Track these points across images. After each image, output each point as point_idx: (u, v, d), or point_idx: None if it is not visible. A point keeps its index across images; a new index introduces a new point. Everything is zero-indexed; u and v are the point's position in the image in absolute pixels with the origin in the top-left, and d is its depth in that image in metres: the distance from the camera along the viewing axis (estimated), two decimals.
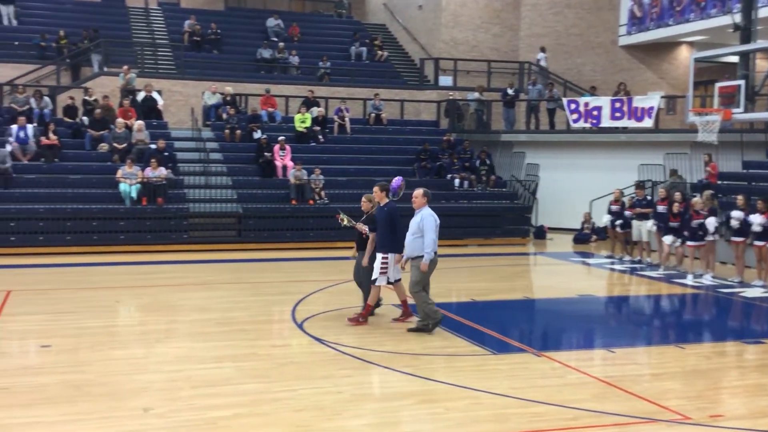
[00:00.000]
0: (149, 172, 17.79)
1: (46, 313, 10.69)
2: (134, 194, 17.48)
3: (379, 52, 28.09)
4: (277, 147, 20.10)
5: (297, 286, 13.18)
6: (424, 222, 9.44)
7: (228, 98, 22.27)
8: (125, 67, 22.07)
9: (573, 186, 22.31)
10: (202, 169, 19.62)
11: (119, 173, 17.73)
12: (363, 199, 10.52)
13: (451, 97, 25.03)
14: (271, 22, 28.10)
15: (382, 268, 9.73)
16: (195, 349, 8.75)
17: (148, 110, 21.30)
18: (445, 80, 26.97)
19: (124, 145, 19.08)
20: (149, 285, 13.47)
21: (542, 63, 26.34)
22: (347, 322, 10.02)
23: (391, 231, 9.73)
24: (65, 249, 16.72)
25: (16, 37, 24.41)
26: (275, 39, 27.33)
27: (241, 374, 7.76)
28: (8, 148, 17.98)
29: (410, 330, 9.75)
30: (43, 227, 16.75)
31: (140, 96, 21.45)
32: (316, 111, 22.39)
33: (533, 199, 21.81)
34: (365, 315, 10.10)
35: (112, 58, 23.22)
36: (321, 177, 19.40)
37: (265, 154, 19.96)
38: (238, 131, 21.16)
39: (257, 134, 21.00)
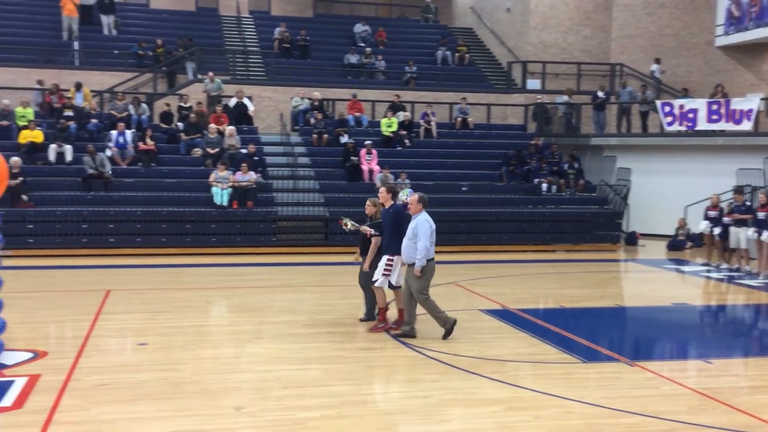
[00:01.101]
0: (240, 176, 18.21)
1: (143, 312, 11.06)
2: (225, 198, 17.92)
3: (466, 56, 27.95)
4: (363, 151, 20.26)
5: None
6: (418, 228, 9.28)
7: (316, 103, 22.60)
8: (210, 73, 22.69)
9: (667, 191, 21.62)
10: (290, 173, 19.95)
11: (212, 177, 18.21)
12: (367, 202, 10.44)
13: (539, 101, 24.67)
14: (359, 27, 28.38)
15: (385, 270, 9.63)
16: (283, 350, 8.89)
17: (239, 116, 21.83)
18: (533, 83, 26.62)
19: (217, 149, 19.60)
20: (239, 286, 13.78)
21: (656, 75, 25.52)
22: (370, 330, 9.91)
23: (396, 232, 9.57)
24: (160, 250, 17.28)
25: (116, 46, 25.43)
26: (362, 44, 27.59)
27: (329, 376, 7.84)
28: (108, 153, 18.74)
29: (397, 335, 9.60)
30: (140, 229, 17.36)
31: (232, 102, 22.01)
32: (402, 115, 22.46)
33: (624, 205, 21.26)
34: (383, 319, 10.01)
35: (206, 65, 23.90)
36: (407, 181, 19.42)
37: (352, 158, 20.14)
38: (326, 136, 21.43)
39: (344, 139, 21.22)
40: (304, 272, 15.55)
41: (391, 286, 9.72)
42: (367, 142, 20.49)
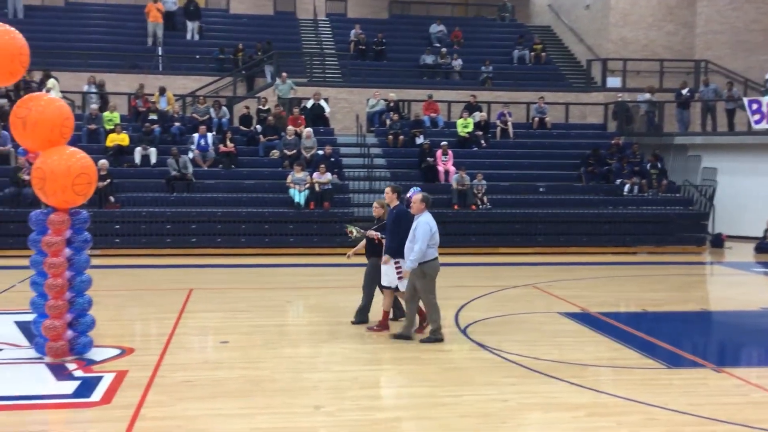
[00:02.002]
0: (317, 177, 18.41)
1: (224, 311, 11.30)
2: (302, 199, 18.15)
3: (543, 54, 27.56)
4: (439, 152, 20.20)
5: (459, 291, 13.15)
6: (418, 229, 9.06)
7: (391, 104, 22.67)
8: (284, 74, 23.02)
9: (755, 191, 20.82)
10: (366, 174, 20.06)
11: (289, 179, 18.47)
12: (374, 204, 10.33)
13: (620, 99, 24.12)
14: (434, 28, 28.33)
15: (398, 273, 9.49)
16: (360, 351, 8.93)
17: (316, 117, 22.08)
18: (614, 81, 26.04)
19: (294, 151, 19.87)
20: (316, 287, 13.93)
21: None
22: (368, 330, 9.79)
23: (397, 234, 9.40)
24: (240, 250, 17.62)
25: (198, 51, 26.09)
26: (438, 45, 27.52)
27: (406, 377, 7.84)
28: (190, 155, 19.24)
29: (394, 336, 9.46)
30: (221, 229, 17.75)
31: (309, 104, 22.29)
32: (478, 116, 22.30)
33: (710, 206, 20.56)
34: (385, 322, 9.90)
35: (284, 68, 24.27)
36: (483, 182, 19.29)
37: (428, 159, 20.11)
38: (401, 137, 21.47)
39: (420, 139, 21.21)
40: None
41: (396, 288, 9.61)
42: (442, 143, 20.43)
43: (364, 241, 10.38)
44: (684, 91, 23.27)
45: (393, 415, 6.62)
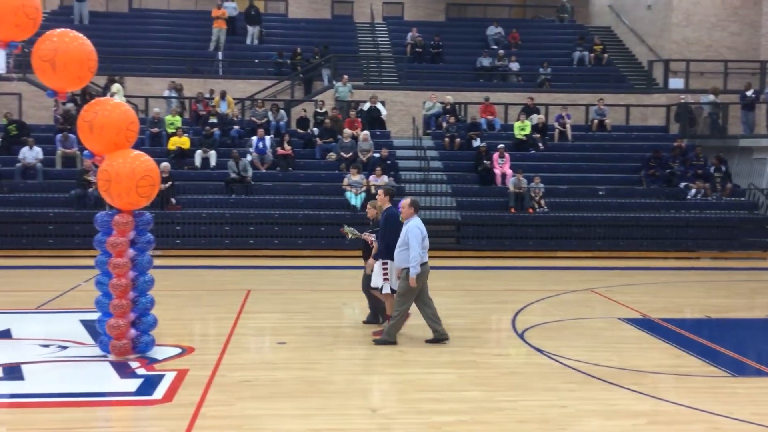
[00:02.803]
0: (373, 179, 18.47)
1: (281, 312, 11.43)
2: (359, 202, 18.22)
3: (604, 56, 27.12)
4: (496, 155, 20.06)
5: (516, 295, 13.05)
6: (409, 234, 8.98)
7: (448, 107, 22.60)
8: (344, 77, 23.16)
9: None
10: (423, 177, 20.04)
11: (345, 181, 18.57)
12: (368, 206, 10.26)
13: (682, 101, 23.58)
14: (492, 30, 28.15)
15: (384, 275, 9.41)
16: (417, 354, 8.91)
17: (373, 120, 22.16)
18: (676, 83, 25.46)
19: (350, 154, 19.97)
20: None
21: None
22: (374, 333, 9.66)
23: (384, 237, 9.33)
24: (297, 252, 17.78)
25: (257, 55, 26.45)
26: (495, 47, 27.34)
27: (463, 381, 7.80)
28: (249, 158, 19.52)
29: (377, 342, 9.33)
30: (278, 231, 17.93)
31: (365, 107, 22.39)
32: (536, 118, 22.08)
33: None
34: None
35: (341, 71, 24.43)
36: (541, 185, 19.08)
37: (484, 162, 19.99)
38: (458, 139, 21.39)
39: (476, 142, 21.10)
40: (435, 276, 15.33)
41: (391, 290, 9.50)
42: (499, 146, 20.28)
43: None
44: (749, 93, 22.63)
45: (450, 419, 6.60)
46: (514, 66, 26.28)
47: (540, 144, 21.52)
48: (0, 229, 17.14)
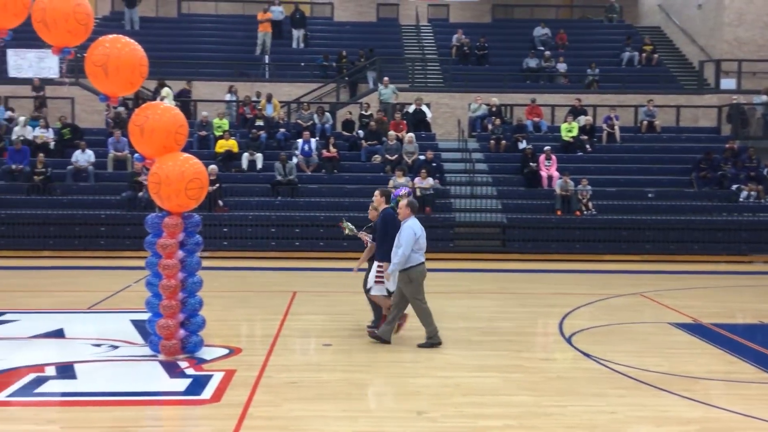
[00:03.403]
0: (418, 182, 18.45)
1: (326, 314, 11.47)
2: None
3: (654, 56, 26.67)
4: (542, 157, 19.87)
5: (563, 298, 12.91)
6: (402, 234, 9.02)
7: (493, 109, 22.48)
8: (385, 79, 23.18)
9: None
10: (468, 179, 19.96)
11: (390, 183, 18.55)
12: (370, 207, 10.16)
13: (734, 101, 23.07)
14: (538, 31, 27.90)
15: (377, 277, 9.32)
16: (462, 357, 8.86)
17: (418, 122, 22.15)
18: (728, 83, 24.91)
19: (395, 156, 19.98)
20: None
21: None
22: (367, 330, 9.67)
23: (381, 238, 9.25)
24: (342, 254, 17.76)
25: (303, 58, 26.65)
26: (542, 48, 27.09)
27: (509, 385, 7.73)
28: (294, 160, 19.66)
29: (371, 335, 9.43)
30: (323, 233, 18.02)
31: (410, 109, 22.38)
32: (583, 120, 21.82)
33: None
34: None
35: (386, 74, 24.47)
36: (588, 188, 18.84)
37: (530, 164, 19.83)
38: (503, 142, 21.26)
39: (522, 144, 20.94)
40: (481, 279, 15.47)
41: (388, 292, 9.42)
42: (546, 148, 20.10)
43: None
44: None
45: (497, 424, 6.54)
46: (561, 67, 26.01)
47: (588, 146, 21.26)
48: (53, 231, 17.56)
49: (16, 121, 20.56)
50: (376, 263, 9.48)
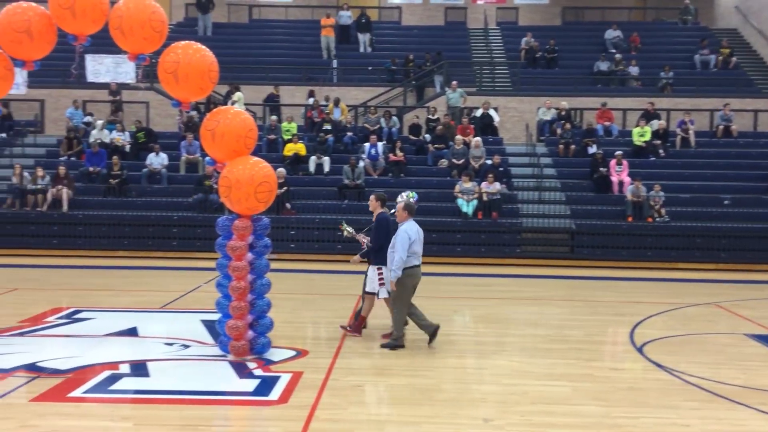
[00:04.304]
0: (485, 186, 18.30)
1: (391, 319, 11.43)
2: (470, 209, 18.09)
3: (732, 59, 25.87)
4: (613, 162, 19.48)
5: (634, 307, 12.61)
6: (397, 238, 9.05)
7: (563, 113, 22.16)
8: (453, 83, 23.07)
9: None
10: (536, 184, 19.71)
11: (457, 188, 18.49)
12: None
13: None
14: (610, 33, 27.40)
15: (380, 280, 9.36)
16: (530, 365, 8.75)
17: (485, 127, 22.00)
18: None
19: (462, 161, 19.88)
20: (483, 297, 13.83)
21: None
22: (381, 340, 9.62)
23: (377, 241, 9.35)
24: None
25: (370, 62, 26.78)
26: (613, 51, 26.59)
27: (578, 395, 7.58)
28: (361, 164, 19.75)
29: (383, 346, 9.34)
30: None
31: (478, 113, 22.25)
32: (656, 124, 21.30)
33: None
34: (358, 327, 9.86)
35: (453, 78, 24.38)
36: (661, 194, 18.36)
37: (601, 169, 19.45)
38: (573, 146, 20.92)
39: (592, 149, 20.57)
40: (549, 285, 15.24)
41: (389, 293, 9.43)
42: (617, 152, 19.69)
43: None
44: None
45: None
46: (634, 70, 25.47)
47: (661, 151, 20.74)
48: (128, 232, 18.06)
49: (94, 124, 21.24)
50: (373, 267, 9.66)
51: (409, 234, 9.15)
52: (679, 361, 8.87)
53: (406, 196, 10.18)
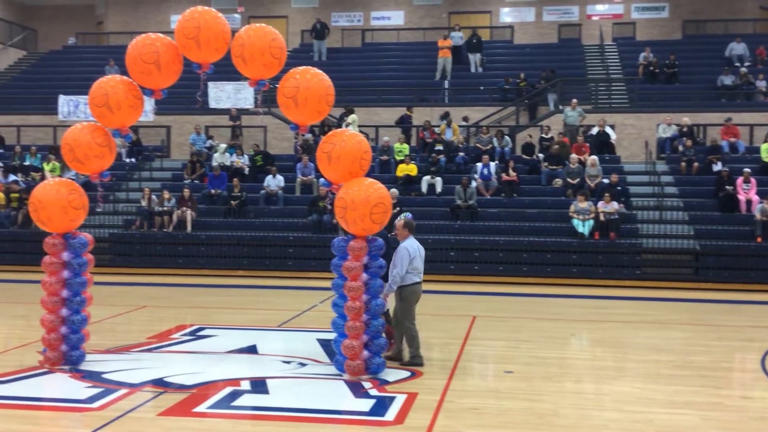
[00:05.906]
0: (602, 206, 17.82)
1: (507, 340, 11.30)
2: (587, 229, 17.65)
3: None
4: (740, 180, 18.56)
5: (764, 332, 11.96)
6: (397, 255, 9.20)
7: (684, 129, 21.33)
8: (573, 101, 22.62)
9: None
10: (656, 203, 19.03)
11: (572, 208, 18.09)
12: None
13: None
14: (734, 46, 26.25)
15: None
16: (653, 392, 8.38)
17: (601, 145, 21.45)
18: None
19: (577, 180, 19.45)
20: (601, 320, 13.42)
21: None
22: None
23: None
24: (521, 279, 17.54)
25: (482, 82, 26.71)
26: (738, 64, 25.43)
27: (708, 424, 7.21)
28: (473, 184, 19.65)
29: (403, 364, 9.27)
30: (502, 258, 17.80)
31: (594, 131, 21.74)
32: None
33: None
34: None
35: (567, 95, 23.96)
36: None
37: (727, 187, 18.57)
38: (696, 164, 20.09)
39: (717, 166, 19.68)
40: (671, 308, 14.63)
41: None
42: (745, 170, 18.76)
43: None
44: None
45: None
46: (761, 84, 24.27)
47: None
48: (247, 251, 18.63)
49: (216, 148, 22.12)
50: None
51: (409, 251, 9.36)
52: None
53: (403, 216, 10.06)
